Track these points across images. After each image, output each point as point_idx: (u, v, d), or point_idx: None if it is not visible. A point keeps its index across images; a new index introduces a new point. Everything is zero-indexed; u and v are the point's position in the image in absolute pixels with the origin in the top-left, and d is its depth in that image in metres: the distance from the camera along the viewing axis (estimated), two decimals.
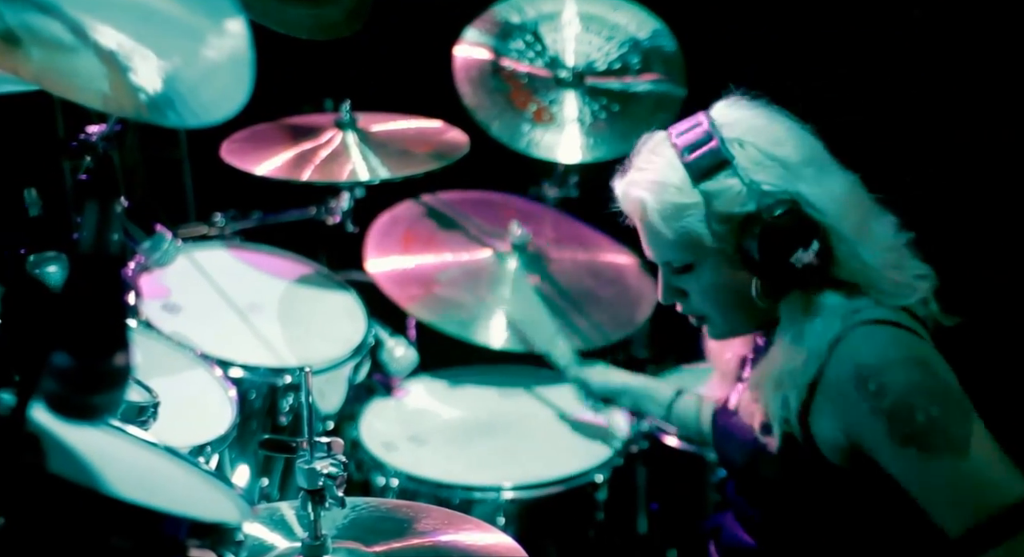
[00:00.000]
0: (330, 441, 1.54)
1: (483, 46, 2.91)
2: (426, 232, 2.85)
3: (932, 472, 1.61)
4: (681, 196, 1.73)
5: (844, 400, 1.67)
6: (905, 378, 1.63)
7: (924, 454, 1.61)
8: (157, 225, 2.21)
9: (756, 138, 1.72)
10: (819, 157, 1.75)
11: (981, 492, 1.60)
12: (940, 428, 1.61)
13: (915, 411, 1.61)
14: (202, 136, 3.02)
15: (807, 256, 1.69)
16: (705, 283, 1.79)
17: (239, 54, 1.17)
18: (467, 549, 1.62)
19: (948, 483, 1.61)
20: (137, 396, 1.69)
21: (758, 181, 1.69)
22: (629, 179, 1.81)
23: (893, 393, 1.62)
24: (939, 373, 1.66)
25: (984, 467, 1.60)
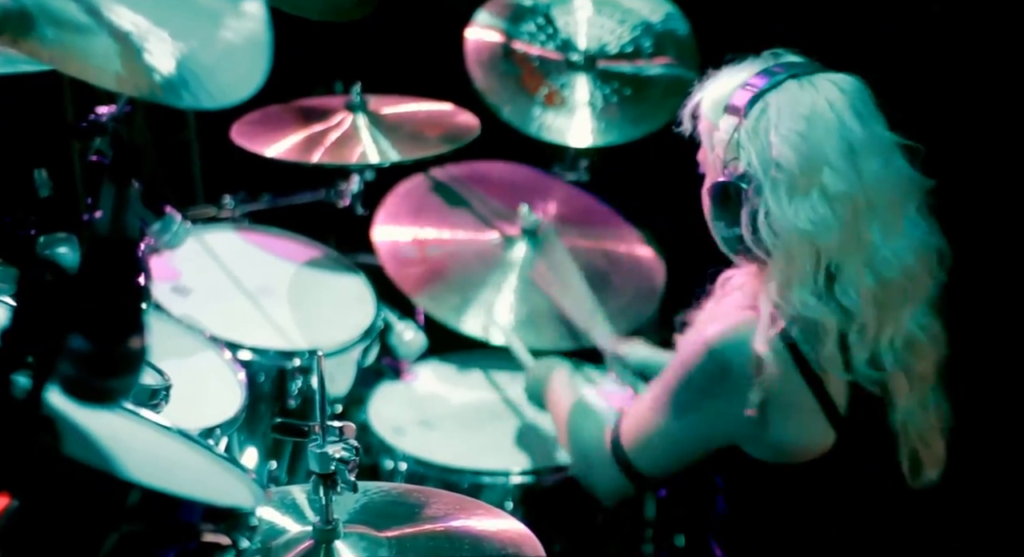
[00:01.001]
0: (342, 425, 1.54)
1: (494, 29, 2.90)
2: (434, 212, 2.82)
3: (652, 399, 1.94)
4: (710, 108, 1.81)
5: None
6: (729, 352, 1.79)
7: (661, 385, 1.92)
8: (167, 207, 2.20)
9: (776, 116, 1.73)
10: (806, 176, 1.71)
11: (647, 434, 1.94)
12: (670, 396, 1.88)
13: (679, 369, 1.87)
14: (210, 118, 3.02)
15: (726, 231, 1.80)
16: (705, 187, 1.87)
17: (256, 36, 1.16)
18: (478, 534, 1.62)
19: (650, 414, 1.94)
20: (150, 379, 1.69)
21: (744, 149, 1.73)
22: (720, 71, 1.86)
23: (689, 356, 1.84)
24: (717, 385, 1.81)
25: (671, 436, 1.89)
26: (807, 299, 1.74)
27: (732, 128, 1.74)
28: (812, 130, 1.70)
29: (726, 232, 1.79)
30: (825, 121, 1.70)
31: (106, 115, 2.08)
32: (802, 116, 1.70)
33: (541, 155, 3.00)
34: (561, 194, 2.94)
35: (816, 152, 1.69)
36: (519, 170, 2.97)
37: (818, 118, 1.70)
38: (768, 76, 1.75)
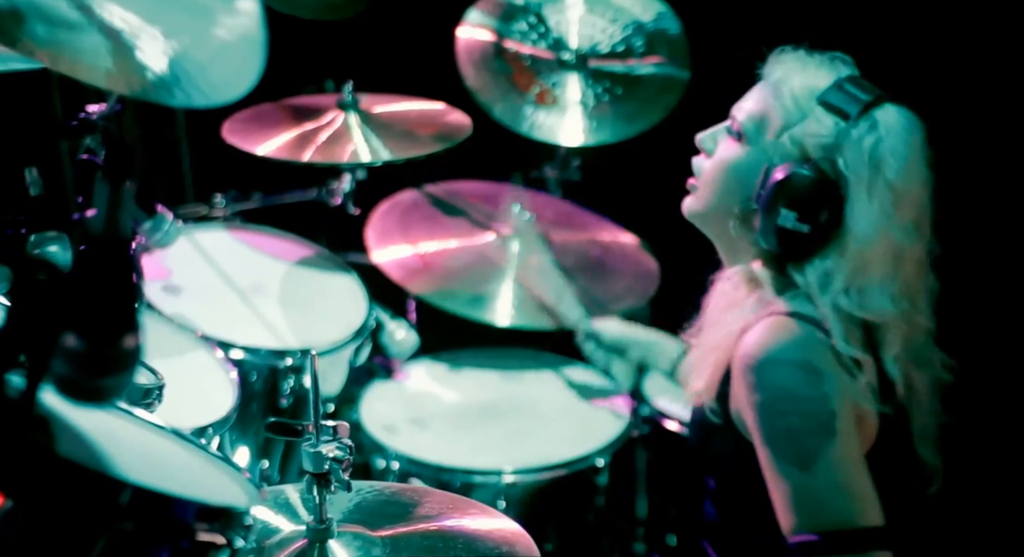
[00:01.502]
0: (336, 425, 1.54)
1: (486, 27, 2.89)
2: (428, 218, 2.84)
3: (779, 473, 1.70)
4: (802, 94, 1.78)
5: (736, 382, 1.75)
6: (781, 380, 1.70)
7: (777, 456, 1.70)
8: (158, 206, 2.20)
9: (885, 136, 1.74)
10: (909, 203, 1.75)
11: (816, 507, 1.68)
12: (795, 438, 1.69)
13: (779, 415, 1.69)
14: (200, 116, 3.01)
15: (793, 223, 1.73)
16: (728, 157, 1.83)
17: (250, 34, 1.15)
18: (472, 533, 1.62)
19: (789, 487, 1.69)
20: (143, 378, 1.68)
21: (844, 154, 1.72)
22: (798, 54, 1.83)
23: (768, 391, 1.70)
24: (818, 384, 1.69)
25: (826, 486, 1.67)
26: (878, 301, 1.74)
27: (835, 128, 1.74)
28: (915, 155, 1.75)
29: (792, 223, 1.73)
30: (920, 150, 1.77)
31: (96, 113, 2.08)
32: (907, 143, 1.75)
33: (532, 154, 3.00)
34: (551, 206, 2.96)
35: (916, 176, 1.76)
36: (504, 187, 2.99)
37: (917, 147, 1.76)
38: (868, 89, 1.78)
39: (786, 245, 1.76)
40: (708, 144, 1.89)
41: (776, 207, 1.74)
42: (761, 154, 1.79)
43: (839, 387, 1.70)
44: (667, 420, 2.70)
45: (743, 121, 1.82)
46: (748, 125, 1.82)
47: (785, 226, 1.74)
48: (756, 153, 1.80)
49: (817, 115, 1.76)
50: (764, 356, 1.71)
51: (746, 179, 1.80)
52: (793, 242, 1.75)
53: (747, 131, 1.82)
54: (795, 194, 1.73)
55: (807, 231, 1.73)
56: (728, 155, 1.84)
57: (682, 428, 2.68)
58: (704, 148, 1.89)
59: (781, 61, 1.84)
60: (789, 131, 1.77)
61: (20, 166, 2.17)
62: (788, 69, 1.82)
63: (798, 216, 1.73)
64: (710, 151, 1.88)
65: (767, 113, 1.80)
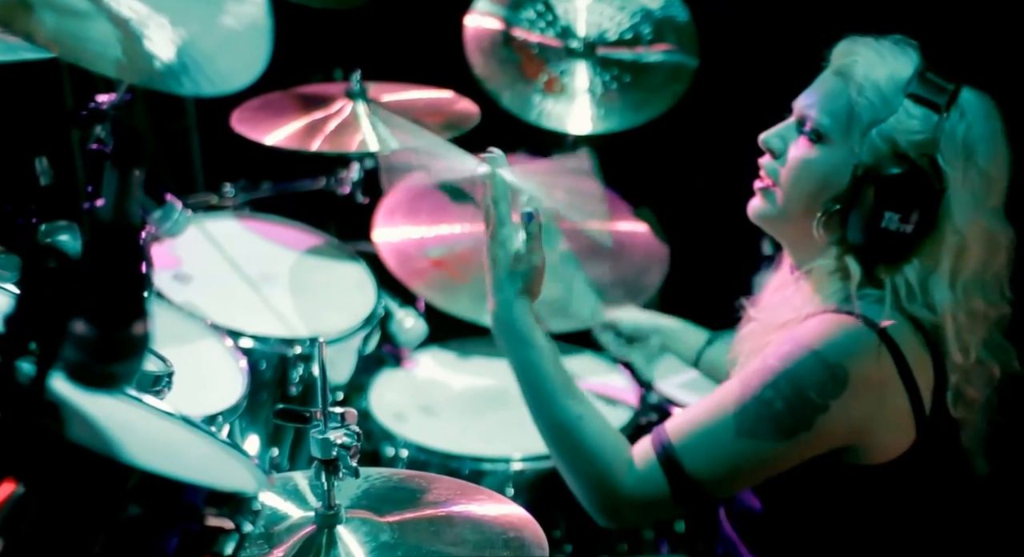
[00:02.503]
0: (344, 411, 1.54)
1: (494, 16, 2.89)
2: (436, 203, 2.84)
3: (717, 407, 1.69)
4: (887, 86, 1.70)
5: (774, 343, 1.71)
6: (804, 368, 1.66)
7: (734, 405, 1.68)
8: (167, 195, 2.21)
9: (977, 124, 1.70)
10: (1000, 190, 1.72)
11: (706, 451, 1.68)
12: (759, 412, 1.66)
13: (771, 386, 1.66)
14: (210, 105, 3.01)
15: (894, 225, 1.67)
16: (809, 157, 1.75)
17: (257, 22, 1.16)
18: (479, 518, 1.62)
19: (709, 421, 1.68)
20: (152, 366, 1.69)
21: (942, 149, 1.67)
22: (867, 42, 1.75)
23: (784, 366, 1.66)
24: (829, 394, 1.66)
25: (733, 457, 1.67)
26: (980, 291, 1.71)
27: (927, 122, 1.68)
28: (1000, 138, 1.72)
29: (896, 224, 1.67)
30: (1003, 132, 1.73)
31: (106, 103, 2.08)
32: (994, 128, 1.72)
33: (540, 142, 3.00)
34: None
35: (1003, 160, 1.73)
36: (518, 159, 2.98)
37: (1000, 129, 1.73)
38: (943, 75, 1.72)
39: (887, 247, 1.69)
40: (777, 144, 1.79)
41: (879, 209, 1.67)
42: (847, 153, 1.71)
43: (853, 404, 1.66)
44: (675, 407, 2.70)
45: (821, 119, 1.73)
46: (828, 123, 1.72)
47: (889, 228, 1.67)
48: (842, 152, 1.71)
49: (907, 108, 1.68)
50: (806, 343, 1.66)
51: (831, 181, 1.72)
52: (895, 244, 1.68)
53: (828, 130, 1.72)
54: (899, 195, 1.66)
55: (911, 232, 1.67)
56: (809, 156, 1.74)
57: None
58: (772, 148, 1.79)
59: (853, 52, 1.74)
60: (878, 128, 1.69)
61: (31, 156, 2.18)
62: (865, 61, 1.72)
63: (902, 217, 1.67)
64: (780, 151, 1.78)
65: (849, 110, 1.71)
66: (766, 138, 1.80)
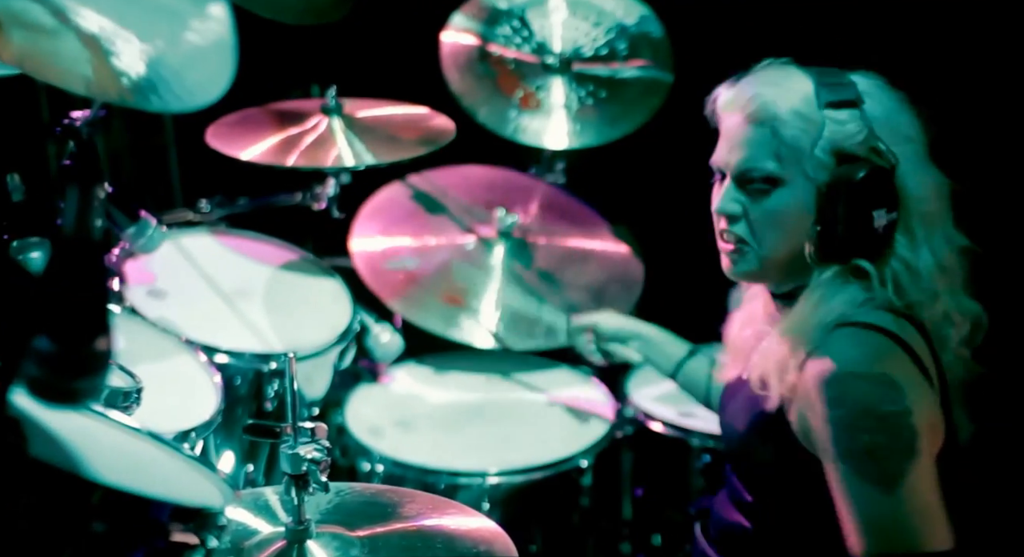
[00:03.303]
0: (314, 426, 1.55)
1: (470, 32, 2.91)
2: (412, 217, 2.84)
3: (856, 493, 1.64)
4: (806, 108, 1.75)
5: (807, 395, 1.68)
6: (864, 395, 1.64)
7: (854, 475, 1.64)
8: (141, 211, 2.20)
9: (883, 99, 1.76)
10: (921, 144, 1.78)
11: (893, 531, 1.62)
12: (878, 458, 1.63)
13: (861, 432, 1.63)
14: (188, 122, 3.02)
15: (883, 220, 1.72)
16: (775, 205, 1.77)
17: (222, 38, 1.16)
18: (451, 533, 1.62)
19: (866, 509, 1.63)
20: (120, 381, 1.69)
21: (879, 134, 1.73)
22: (755, 80, 1.80)
23: (847, 406, 1.64)
24: (900, 399, 1.65)
25: (906, 509, 1.62)
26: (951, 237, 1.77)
27: (856, 118, 1.73)
28: (898, 98, 1.79)
29: (885, 218, 1.72)
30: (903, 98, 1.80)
31: (80, 119, 2.08)
32: (894, 96, 1.79)
33: (517, 157, 3.01)
34: (539, 194, 2.96)
35: (909, 117, 1.79)
36: (495, 172, 2.99)
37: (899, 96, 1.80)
38: (834, 71, 1.79)
39: (883, 242, 1.74)
40: (735, 208, 1.81)
41: (866, 214, 1.71)
42: (804, 182, 1.75)
43: (918, 400, 1.66)
44: (651, 421, 2.71)
45: (766, 166, 1.76)
46: (776, 167, 1.76)
47: (881, 224, 1.72)
48: (799, 184, 1.75)
49: (832, 117, 1.74)
50: (841, 369, 1.65)
51: (803, 212, 1.75)
52: (886, 236, 1.74)
53: (780, 173, 1.76)
54: (874, 192, 1.71)
55: (895, 218, 1.73)
56: (774, 204, 1.77)
57: (666, 429, 2.69)
58: (732, 214, 1.81)
59: (752, 96, 1.77)
60: (819, 147, 1.73)
61: (3, 172, 2.18)
62: (769, 97, 1.76)
63: (887, 209, 1.72)
64: (740, 213, 1.80)
65: (789, 145, 1.75)
66: (721, 207, 1.82)
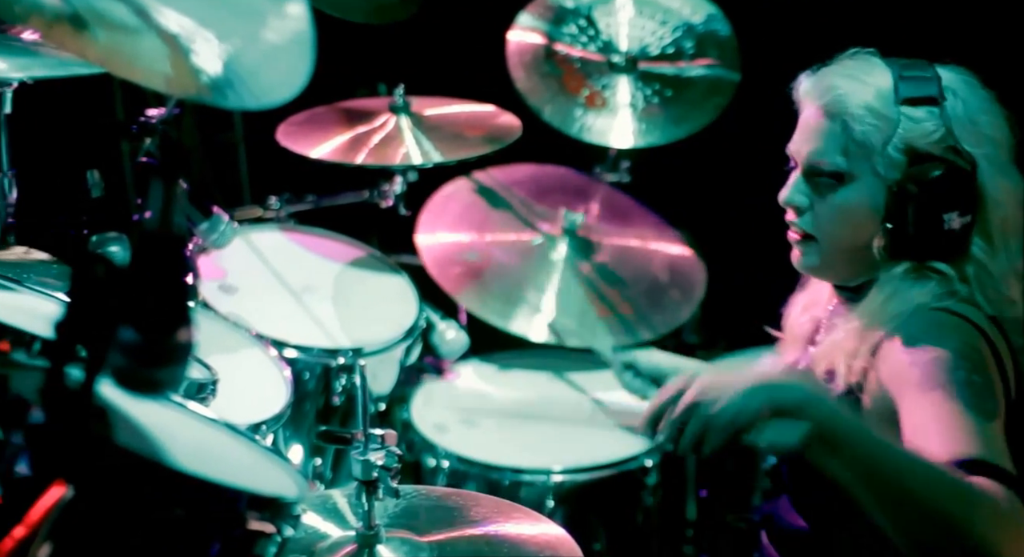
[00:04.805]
0: (384, 433, 1.56)
1: (536, 30, 2.92)
2: (476, 212, 2.85)
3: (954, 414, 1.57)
4: (880, 104, 1.72)
5: (893, 363, 1.67)
6: (962, 341, 1.66)
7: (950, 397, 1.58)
8: (214, 207, 2.25)
9: (969, 97, 1.73)
10: (1008, 148, 1.75)
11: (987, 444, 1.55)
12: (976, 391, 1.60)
13: (959, 368, 1.62)
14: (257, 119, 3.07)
15: (956, 222, 1.70)
16: (841, 201, 1.76)
17: (300, 37, 1.18)
18: (517, 538, 1.63)
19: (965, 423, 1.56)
20: (197, 373, 1.72)
21: (957, 134, 1.70)
22: (834, 71, 1.78)
23: (945, 345, 1.64)
24: (988, 367, 1.65)
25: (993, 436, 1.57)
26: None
27: (932, 117, 1.70)
28: (988, 98, 1.76)
29: (959, 221, 1.70)
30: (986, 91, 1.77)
31: (156, 117, 2.13)
32: (983, 95, 1.75)
33: (582, 156, 3.01)
34: (601, 195, 2.96)
35: (1000, 118, 1.76)
36: (558, 171, 3.00)
37: (989, 95, 1.76)
38: (920, 66, 1.75)
39: (953, 244, 1.72)
40: (801, 200, 1.79)
41: (937, 216, 1.70)
42: (874, 179, 1.73)
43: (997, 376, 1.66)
44: None
45: (836, 161, 1.74)
46: (845, 162, 1.74)
47: (952, 227, 1.70)
48: (869, 182, 1.73)
49: (908, 114, 1.71)
50: (938, 332, 1.67)
51: (871, 209, 1.74)
52: (961, 238, 1.72)
53: (849, 169, 1.74)
54: (947, 194, 1.69)
55: (970, 221, 1.71)
56: (840, 200, 1.76)
57: None
58: (797, 205, 1.80)
59: (824, 87, 1.76)
60: (892, 144, 1.70)
61: (82, 168, 2.23)
62: (844, 90, 1.74)
63: (960, 212, 1.70)
64: (807, 205, 1.79)
65: (860, 141, 1.73)
66: (788, 198, 1.81)
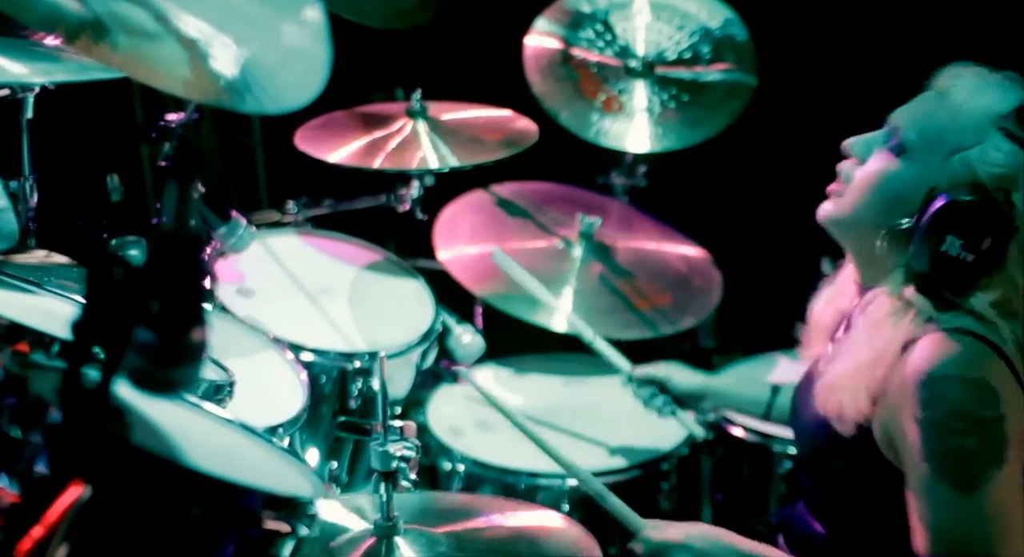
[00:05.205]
0: (403, 425, 1.57)
1: (553, 35, 2.93)
2: (494, 220, 2.87)
3: (933, 494, 1.61)
4: (981, 115, 1.70)
5: (899, 398, 1.65)
6: (958, 397, 1.61)
7: (936, 476, 1.61)
8: (232, 211, 2.26)
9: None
10: None
11: (964, 534, 1.60)
12: (964, 461, 1.60)
13: (951, 435, 1.60)
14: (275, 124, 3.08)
15: (958, 251, 1.66)
16: (883, 169, 1.74)
17: (316, 42, 1.19)
18: (536, 533, 1.64)
19: (941, 510, 1.61)
20: (214, 375, 1.74)
21: (1019, 187, 1.66)
22: (975, 70, 1.75)
23: (939, 408, 1.61)
24: (995, 405, 1.62)
25: (982, 514, 1.59)
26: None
27: (1012, 157, 1.66)
28: None
29: (956, 250, 1.65)
30: None
31: (175, 122, 2.14)
32: None
33: (598, 161, 3.02)
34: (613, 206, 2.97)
35: None
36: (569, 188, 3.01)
37: None
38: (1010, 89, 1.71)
39: (944, 272, 1.67)
40: (860, 150, 1.78)
41: (941, 233, 1.66)
42: (926, 173, 1.70)
43: (1013, 409, 1.62)
44: (732, 426, 2.69)
45: (908, 134, 1.73)
46: (915, 140, 1.72)
47: (948, 253, 1.65)
48: (920, 171, 1.71)
49: (995, 141, 1.67)
50: (938, 371, 1.62)
51: (905, 196, 1.71)
52: (953, 270, 1.66)
53: (913, 146, 1.72)
54: (964, 222, 1.65)
55: (971, 260, 1.65)
56: (887, 167, 1.74)
57: (747, 434, 2.67)
58: (855, 154, 1.79)
59: (958, 76, 1.74)
60: (962, 154, 1.68)
61: (103, 173, 2.25)
62: (966, 87, 1.72)
63: (964, 244, 1.65)
64: (863, 158, 1.78)
65: (939, 131, 1.71)
66: (851, 143, 1.80)
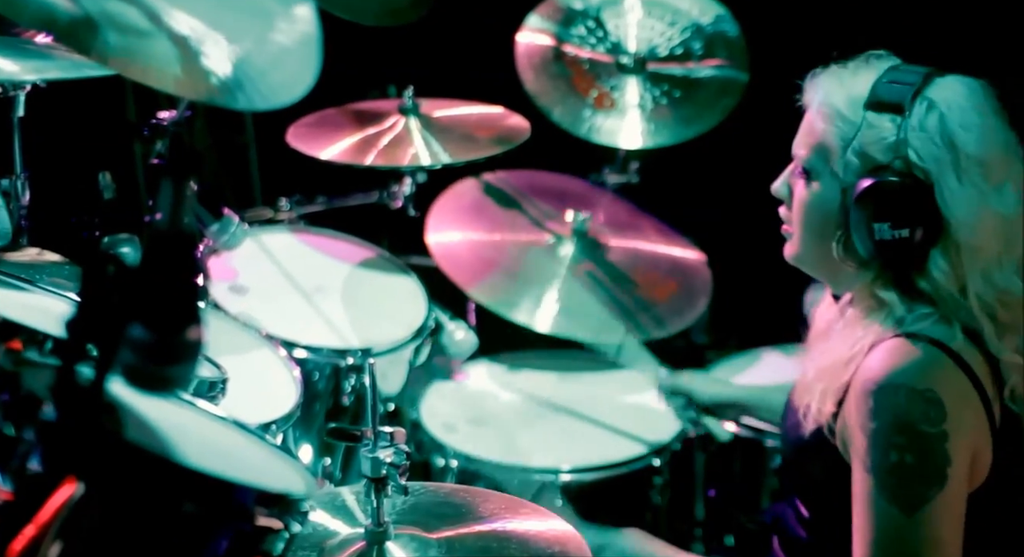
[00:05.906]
0: (393, 431, 1.58)
1: (545, 32, 2.93)
2: (484, 212, 2.86)
3: (874, 508, 1.62)
4: (849, 107, 1.71)
5: (853, 404, 1.66)
6: (903, 410, 1.61)
7: (877, 490, 1.61)
8: (225, 209, 2.26)
9: (953, 111, 1.67)
10: (1002, 171, 1.68)
11: (900, 554, 1.61)
12: (904, 477, 1.60)
13: (891, 449, 1.61)
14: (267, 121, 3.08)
15: (890, 233, 1.65)
16: (803, 197, 1.77)
17: (307, 39, 1.20)
18: (526, 534, 1.64)
19: (880, 526, 1.61)
20: (207, 372, 1.74)
21: (913, 146, 1.66)
22: (831, 71, 1.77)
23: (884, 419, 1.61)
24: (939, 421, 1.61)
25: (920, 536, 1.60)
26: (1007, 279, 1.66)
27: (892, 125, 1.67)
28: (987, 119, 1.69)
29: (889, 233, 1.65)
30: (991, 112, 1.70)
31: (168, 119, 2.14)
32: (974, 109, 1.68)
33: (591, 157, 3.02)
34: (605, 201, 2.97)
35: (995, 140, 1.69)
36: (562, 179, 3.01)
37: (986, 110, 1.70)
38: (912, 73, 1.71)
39: (891, 256, 1.67)
40: (783, 191, 1.82)
41: (868, 223, 1.66)
42: (832, 182, 1.72)
43: (961, 425, 1.62)
44: (725, 421, 2.70)
45: (804, 158, 1.76)
46: (810, 160, 1.75)
47: (884, 238, 1.65)
48: (828, 183, 1.73)
49: (870, 120, 1.68)
50: (887, 380, 1.62)
51: (831, 212, 1.73)
52: (898, 251, 1.66)
53: (812, 166, 1.75)
54: (880, 203, 1.65)
55: (908, 235, 1.65)
56: (804, 195, 1.77)
57: (740, 429, 2.68)
58: (781, 196, 1.83)
59: (816, 84, 1.77)
60: (849, 148, 1.69)
61: (95, 171, 2.25)
62: (826, 89, 1.74)
63: (892, 224, 1.65)
64: (787, 197, 1.81)
65: (822, 141, 1.73)
66: (774, 188, 1.83)
